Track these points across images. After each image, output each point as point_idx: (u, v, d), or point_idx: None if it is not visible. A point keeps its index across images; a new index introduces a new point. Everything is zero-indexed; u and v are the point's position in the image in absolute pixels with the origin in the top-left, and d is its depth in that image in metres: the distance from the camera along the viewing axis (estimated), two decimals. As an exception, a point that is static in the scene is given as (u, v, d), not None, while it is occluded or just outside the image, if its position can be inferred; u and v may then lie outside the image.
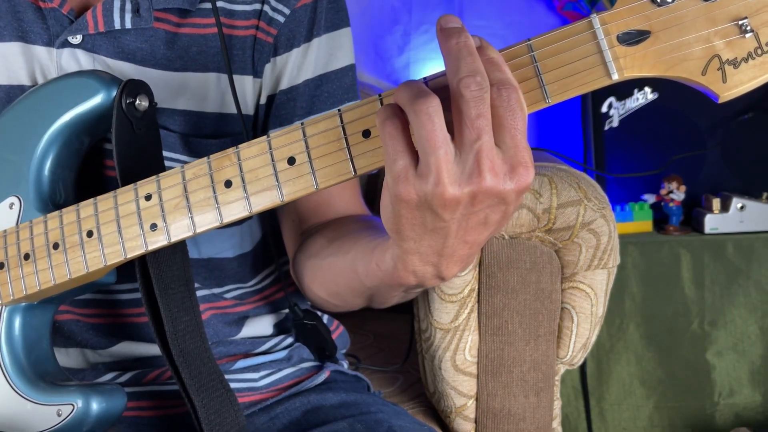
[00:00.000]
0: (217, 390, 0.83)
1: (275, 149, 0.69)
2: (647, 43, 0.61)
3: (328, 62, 0.96)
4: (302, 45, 0.95)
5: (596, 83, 0.61)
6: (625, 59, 0.61)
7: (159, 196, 0.74)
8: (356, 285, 0.81)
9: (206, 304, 0.95)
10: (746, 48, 0.59)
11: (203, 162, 0.72)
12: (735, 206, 1.97)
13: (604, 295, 1.12)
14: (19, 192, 0.84)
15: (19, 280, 0.81)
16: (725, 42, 0.59)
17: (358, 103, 0.66)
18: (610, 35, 0.61)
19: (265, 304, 1.04)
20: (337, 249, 0.86)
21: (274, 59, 0.95)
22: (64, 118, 0.83)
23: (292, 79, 0.95)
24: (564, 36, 0.61)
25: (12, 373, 0.82)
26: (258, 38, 0.94)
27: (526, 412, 1.12)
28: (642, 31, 0.61)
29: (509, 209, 0.62)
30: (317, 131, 0.67)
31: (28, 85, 0.91)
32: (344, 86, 0.97)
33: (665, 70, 0.61)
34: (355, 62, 1.01)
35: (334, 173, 0.67)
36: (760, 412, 2.01)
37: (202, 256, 0.96)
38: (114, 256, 0.77)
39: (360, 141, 0.66)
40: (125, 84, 0.82)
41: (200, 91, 0.92)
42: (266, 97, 0.96)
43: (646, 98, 2.03)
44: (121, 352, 0.94)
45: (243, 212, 0.71)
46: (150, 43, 0.91)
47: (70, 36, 0.89)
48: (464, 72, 0.58)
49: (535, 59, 0.62)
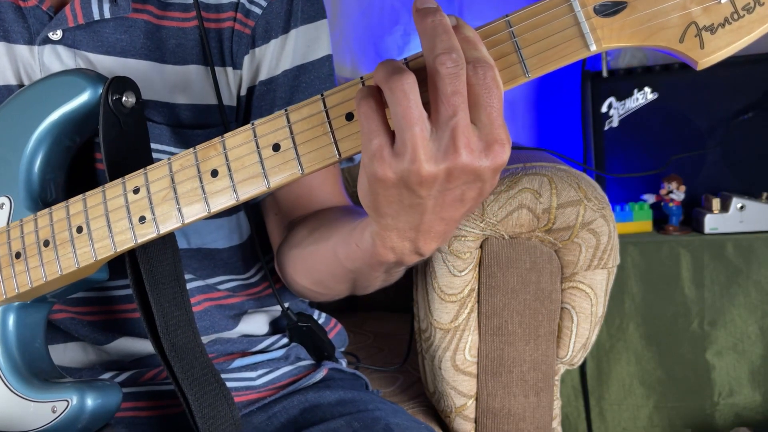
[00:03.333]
0: (210, 384, 0.83)
1: (260, 137, 0.70)
2: (624, 13, 0.61)
3: (306, 53, 0.98)
4: (280, 36, 0.96)
5: (575, 55, 0.62)
6: (603, 30, 0.62)
7: (147, 189, 0.75)
8: (338, 270, 0.82)
9: (201, 295, 0.96)
10: (723, 13, 0.60)
11: (189, 153, 0.73)
12: (735, 206, 1.97)
13: (604, 295, 1.12)
14: (9, 192, 0.84)
15: (11, 279, 0.82)
16: (702, 8, 0.60)
17: (340, 87, 0.67)
18: (587, 6, 0.61)
19: (259, 298, 1.04)
20: (318, 237, 0.87)
21: (252, 51, 0.96)
22: (52, 118, 0.84)
23: (270, 70, 0.96)
24: (542, 10, 0.62)
25: (6, 372, 0.83)
26: (236, 30, 0.95)
27: (526, 412, 1.12)
28: (618, 1, 0.61)
29: (485, 187, 0.62)
30: (301, 117, 0.68)
31: (15, 84, 0.91)
32: (322, 76, 0.99)
33: (643, 40, 0.62)
34: (355, 62, 1.01)
35: (319, 158, 0.68)
36: (760, 412, 2.01)
37: (192, 246, 0.97)
38: (104, 250, 0.77)
39: (343, 124, 0.66)
40: (111, 81, 0.82)
41: (182, 84, 0.93)
42: (246, 88, 0.97)
43: (646, 98, 2.03)
44: (121, 348, 0.94)
45: (230, 201, 0.72)
46: (129, 33, 0.92)
47: (50, 32, 0.89)
48: (440, 49, 0.58)
49: (514, 35, 0.63)
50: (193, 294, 0.94)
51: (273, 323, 1.05)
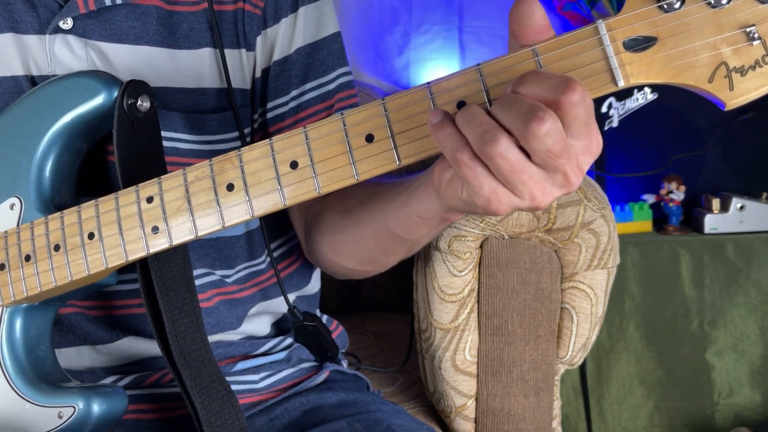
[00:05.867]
0: (218, 392, 0.83)
1: (277, 152, 0.69)
2: (654, 50, 0.60)
3: (316, 31, 0.98)
4: (290, 15, 0.96)
5: (602, 90, 0.61)
6: (632, 66, 0.60)
7: (161, 198, 0.74)
8: (395, 245, 0.84)
9: (213, 290, 0.95)
10: (753, 55, 0.58)
11: (205, 164, 0.72)
12: (735, 206, 1.97)
13: (604, 295, 1.12)
14: (20, 193, 0.84)
15: (20, 282, 0.81)
16: (732, 49, 0.59)
17: (360, 108, 0.66)
18: (617, 41, 0.60)
19: (266, 288, 1.03)
20: (356, 220, 0.87)
21: (264, 32, 0.96)
22: (65, 119, 0.83)
23: (284, 50, 0.96)
24: (569, 42, 0.61)
25: (13, 375, 0.82)
26: (246, 11, 0.94)
27: (526, 412, 1.12)
28: (649, 37, 0.60)
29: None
30: (319, 135, 0.67)
31: (22, 75, 0.90)
32: (335, 52, 0.99)
33: (672, 77, 0.60)
34: (355, 62, 1.02)
35: (337, 177, 0.67)
36: (760, 412, 2.02)
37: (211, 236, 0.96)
38: (115, 258, 0.77)
39: (363, 145, 0.66)
40: (126, 85, 0.81)
41: (196, 68, 0.93)
42: (261, 70, 0.97)
43: (646, 98, 2.04)
44: (125, 349, 0.93)
45: (245, 215, 0.71)
46: (142, 20, 0.91)
47: (60, 21, 0.88)
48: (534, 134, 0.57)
49: (540, 64, 0.61)
50: (205, 290, 0.94)
51: (276, 324, 1.05)
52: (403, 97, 0.65)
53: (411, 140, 0.65)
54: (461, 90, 0.63)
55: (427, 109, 0.64)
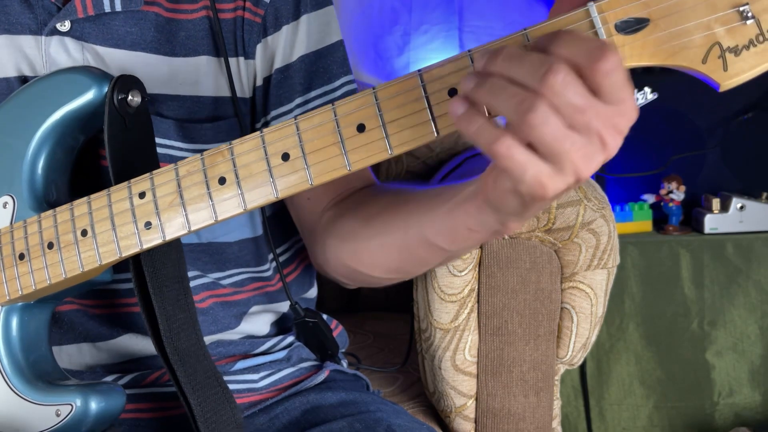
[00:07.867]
0: (213, 388, 0.83)
1: (269, 144, 0.69)
2: (646, 32, 0.59)
3: (320, 39, 0.97)
4: (291, 23, 0.95)
5: None
6: (624, 48, 0.60)
7: (153, 194, 0.74)
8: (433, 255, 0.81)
9: (206, 292, 0.95)
10: (747, 35, 0.58)
11: (196, 159, 0.72)
12: (735, 206, 1.97)
13: (604, 295, 1.12)
14: (12, 191, 0.83)
15: (14, 280, 0.81)
16: (726, 29, 0.58)
17: (351, 98, 0.66)
18: (608, 24, 0.59)
19: (268, 293, 1.03)
20: (383, 228, 0.85)
21: (264, 39, 0.95)
22: (56, 116, 0.82)
23: (285, 58, 0.95)
24: (561, 25, 0.60)
25: (10, 374, 0.82)
26: (246, 18, 0.94)
27: (526, 411, 1.12)
28: (641, 18, 0.59)
29: None
30: (311, 126, 0.67)
31: (14, 77, 0.90)
32: (339, 60, 0.98)
33: (665, 59, 0.60)
34: (355, 62, 1.01)
35: (329, 168, 0.67)
36: (760, 412, 2.02)
37: (202, 241, 0.96)
38: (109, 255, 0.77)
39: (354, 135, 0.65)
40: (117, 79, 0.81)
41: (192, 76, 0.92)
42: (262, 78, 0.96)
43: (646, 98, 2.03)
44: (125, 346, 0.93)
45: (237, 209, 0.71)
46: (140, 26, 0.90)
47: (58, 23, 0.88)
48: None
49: None
50: (198, 291, 0.94)
51: (276, 323, 1.05)
52: (394, 86, 0.64)
53: (402, 128, 0.64)
54: (453, 77, 0.62)
55: (419, 97, 0.63)
